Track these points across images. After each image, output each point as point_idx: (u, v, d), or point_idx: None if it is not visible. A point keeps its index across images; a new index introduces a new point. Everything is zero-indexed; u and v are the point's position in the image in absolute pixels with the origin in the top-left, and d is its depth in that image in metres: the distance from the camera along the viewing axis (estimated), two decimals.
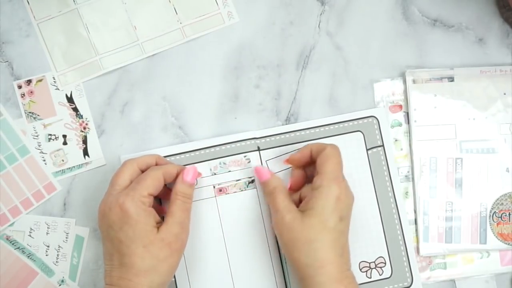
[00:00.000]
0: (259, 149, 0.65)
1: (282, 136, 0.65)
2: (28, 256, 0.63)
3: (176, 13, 0.68)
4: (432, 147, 0.66)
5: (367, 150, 0.66)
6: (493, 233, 0.66)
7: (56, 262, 0.64)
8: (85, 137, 0.66)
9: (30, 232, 0.64)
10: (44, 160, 0.65)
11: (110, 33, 0.67)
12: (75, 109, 0.66)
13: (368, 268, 0.64)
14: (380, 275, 0.64)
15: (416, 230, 0.66)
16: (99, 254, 0.64)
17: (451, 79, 0.67)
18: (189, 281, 0.63)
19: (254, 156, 0.65)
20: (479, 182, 0.66)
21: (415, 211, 0.66)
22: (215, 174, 0.64)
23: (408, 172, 0.67)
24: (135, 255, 0.54)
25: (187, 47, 0.67)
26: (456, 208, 0.66)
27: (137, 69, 0.67)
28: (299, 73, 0.68)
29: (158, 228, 0.56)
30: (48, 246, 0.64)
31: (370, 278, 0.64)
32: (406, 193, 0.66)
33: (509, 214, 0.66)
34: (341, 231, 0.57)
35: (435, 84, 0.67)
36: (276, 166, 0.65)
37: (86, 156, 0.65)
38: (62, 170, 0.65)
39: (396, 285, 0.64)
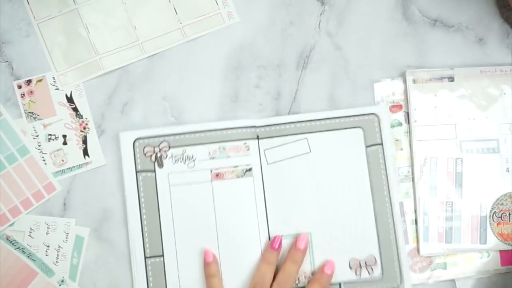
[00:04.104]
0: (258, 138, 0.65)
1: (282, 127, 0.65)
2: (28, 256, 0.63)
3: (176, 13, 0.68)
4: (432, 147, 0.66)
5: (366, 147, 0.66)
6: (493, 233, 0.66)
7: (56, 262, 0.64)
8: (85, 137, 0.66)
9: (30, 232, 0.64)
10: (44, 160, 0.65)
11: (110, 33, 0.67)
12: (75, 109, 0.66)
13: (358, 266, 0.64)
14: (369, 274, 0.64)
15: (416, 230, 0.66)
16: (99, 254, 0.64)
17: (451, 79, 0.68)
18: (177, 262, 0.63)
19: (253, 144, 0.65)
20: (479, 182, 0.66)
21: (415, 211, 0.66)
22: (213, 158, 0.64)
23: (408, 172, 0.67)
24: None
25: (187, 47, 0.68)
26: (456, 208, 0.66)
27: (137, 69, 0.67)
28: (299, 73, 0.68)
29: None
30: (48, 246, 0.64)
31: (360, 276, 0.64)
32: (406, 193, 0.66)
33: (509, 214, 0.66)
34: None
35: (435, 84, 0.67)
36: (274, 156, 0.65)
37: (86, 156, 0.65)
38: (62, 170, 0.65)
39: (384, 285, 0.64)
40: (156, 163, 0.64)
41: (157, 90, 0.67)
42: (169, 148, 0.64)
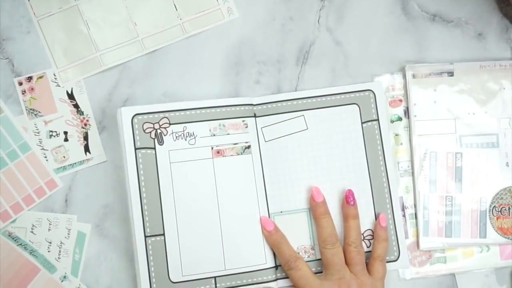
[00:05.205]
0: (255, 116, 0.65)
1: (279, 104, 0.66)
2: (30, 253, 0.64)
3: (176, 9, 0.68)
4: (432, 142, 0.67)
5: (362, 123, 0.66)
6: (493, 227, 0.66)
7: (58, 258, 0.64)
8: (86, 133, 0.66)
9: (32, 229, 0.64)
10: (46, 157, 0.65)
11: (110, 30, 0.67)
12: (76, 106, 0.66)
13: None
14: (368, 247, 0.65)
15: (416, 224, 0.66)
16: (101, 250, 0.64)
17: (451, 73, 0.68)
18: (178, 238, 0.62)
19: (250, 122, 0.65)
20: (479, 176, 0.66)
21: (415, 206, 0.66)
22: (214, 135, 0.64)
23: (408, 166, 0.67)
24: None
25: (187, 43, 0.68)
26: (456, 202, 0.66)
27: (138, 65, 0.67)
28: (299, 68, 0.68)
29: None
30: (50, 243, 0.64)
31: None
32: (406, 187, 0.67)
33: (509, 209, 0.66)
34: None
35: (435, 79, 0.68)
36: (271, 134, 0.65)
37: (87, 153, 0.65)
38: (64, 166, 0.65)
39: None
40: (156, 140, 0.63)
41: (158, 86, 0.67)
42: (170, 124, 0.64)
